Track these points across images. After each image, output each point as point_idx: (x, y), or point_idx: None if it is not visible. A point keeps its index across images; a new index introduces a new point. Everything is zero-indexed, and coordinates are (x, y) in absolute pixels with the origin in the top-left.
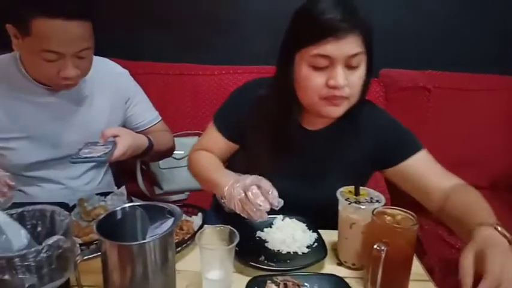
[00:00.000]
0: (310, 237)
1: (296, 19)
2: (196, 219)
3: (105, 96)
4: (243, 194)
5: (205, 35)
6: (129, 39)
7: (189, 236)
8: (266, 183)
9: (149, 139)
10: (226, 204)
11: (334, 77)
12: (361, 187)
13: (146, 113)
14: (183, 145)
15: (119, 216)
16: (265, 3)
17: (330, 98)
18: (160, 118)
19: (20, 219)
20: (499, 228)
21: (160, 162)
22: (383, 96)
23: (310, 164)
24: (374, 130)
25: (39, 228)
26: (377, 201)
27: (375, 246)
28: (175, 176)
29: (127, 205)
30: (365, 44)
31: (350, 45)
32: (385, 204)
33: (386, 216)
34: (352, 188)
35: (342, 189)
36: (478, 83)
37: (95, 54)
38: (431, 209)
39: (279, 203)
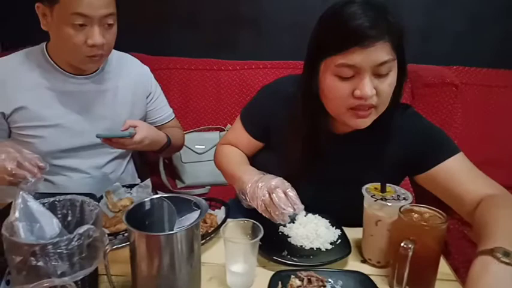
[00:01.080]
0: (333, 233)
1: (321, 25)
2: (220, 213)
3: (128, 89)
4: (267, 196)
5: (229, 32)
6: (154, 36)
7: (212, 229)
8: (290, 188)
9: (168, 136)
10: (246, 200)
11: (361, 87)
12: (387, 184)
13: (163, 109)
14: (205, 140)
15: (147, 207)
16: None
17: (356, 108)
18: (174, 115)
19: (52, 208)
20: (499, 255)
21: (182, 156)
22: (409, 93)
23: (338, 168)
24: (407, 135)
25: (69, 218)
26: (404, 198)
27: (402, 244)
28: (197, 170)
29: (155, 196)
30: (395, 49)
31: (378, 54)
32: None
33: (413, 214)
34: (378, 184)
35: (367, 185)
36: (507, 79)
37: (121, 50)
38: (463, 215)
39: (299, 209)
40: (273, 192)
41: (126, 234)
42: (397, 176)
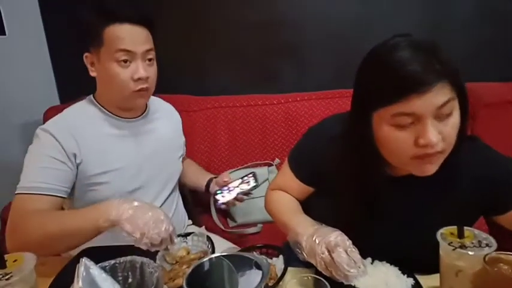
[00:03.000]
0: (406, 282)
1: (367, 73)
2: (278, 262)
3: (166, 128)
4: (327, 253)
5: (272, 64)
6: (195, 75)
7: (273, 282)
8: (352, 247)
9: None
10: (302, 254)
11: (425, 135)
12: (465, 228)
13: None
14: None
15: (206, 267)
16: (325, 28)
17: (422, 157)
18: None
19: (112, 271)
20: None
21: None
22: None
23: (399, 212)
24: (477, 171)
25: (130, 280)
26: (486, 245)
27: None
28: (248, 208)
29: (213, 256)
30: (455, 87)
31: (437, 96)
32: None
33: (502, 264)
34: (454, 229)
35: (442, 230)
36: None
37: (169, 91)
38: None
39: (364, 272)
40: (334, 251)
41: None
42: (470, 217)
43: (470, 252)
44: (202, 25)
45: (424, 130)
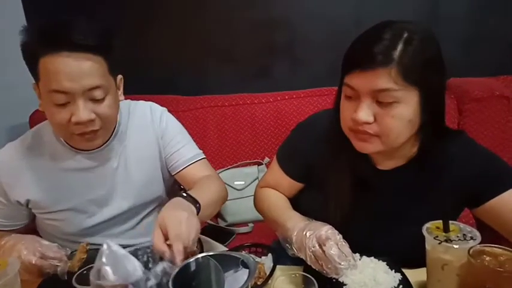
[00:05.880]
0: (394, 278)
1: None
2: (267, 261)
3: (139, 149)
4: (318, 247)
5: (265, 62)
6: (188, 75)
7: (261, 280)
8: (342, 241)
9: (194, 201)
10: (291, 249)
11: (356, 110)
12: (450, 222)
13: (180, 153)
14: (244, 175)
15: (193, 268)
16: (317, 26)
17: (355, 131)
18: (200, 157)
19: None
20: None
21: None
22: (455, 110)
23: (388, 204)
24: (461, 164)
25: (150, 265)
26: (471, 238)
27: None
28: (238, 208)
29: (200, 256)
30: (408, 79)
31: (377, 80)
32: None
33: (485, 256)
34: (440, 223)
35: (428, 225)
36: None
37: (155, 93)
38: None
39: (354, 266)
40: (325, 243)
41: None
42: (455, 210)
43: (455, 246)
44: (194, 25)
45: (358, 107)
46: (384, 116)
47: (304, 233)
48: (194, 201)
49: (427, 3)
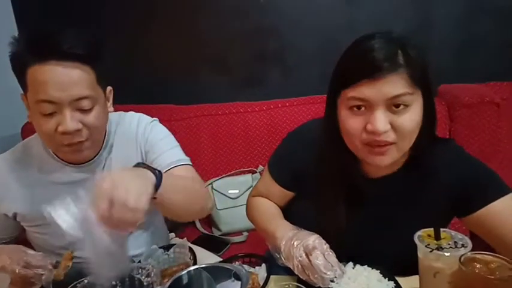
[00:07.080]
0: (387, 286)
1: (341, 59)
2: (261, 271)
3: (123, 162)
4: (305, 256)
5: (257, 71)
6: (181, 84)
7: None
8: (329, 250)
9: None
10: (280, 258)
11: (372, 121)
12: (442, 229)
13: (162, 157)
14: (238, 184)
15: (185, 280)
16: (310, 34)
17: (371, 144)
18: (184, 163)
19: None
20: None
21: (217, 202)
22: (446, 116)
23: (378, 213)
24: (450, 172)
25: None
26: (462, 245)
27: None
28: (233, 216)
29: (192, 268)
30: (416, 83)
31: (390, 87)
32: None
33: (476, 263)
34: (431, 231)
35: (419, 233)
36: None
37: (148, 102)
38: None
39: (340, 275)
40: (311, 253)
41: None
42: (444, 217)
43: (446, 254)
44: (187, 34)
45: (372, 117)
46: (401, 121)
47: (292, 242)
48: (152, 169)
49: (418, 11)
